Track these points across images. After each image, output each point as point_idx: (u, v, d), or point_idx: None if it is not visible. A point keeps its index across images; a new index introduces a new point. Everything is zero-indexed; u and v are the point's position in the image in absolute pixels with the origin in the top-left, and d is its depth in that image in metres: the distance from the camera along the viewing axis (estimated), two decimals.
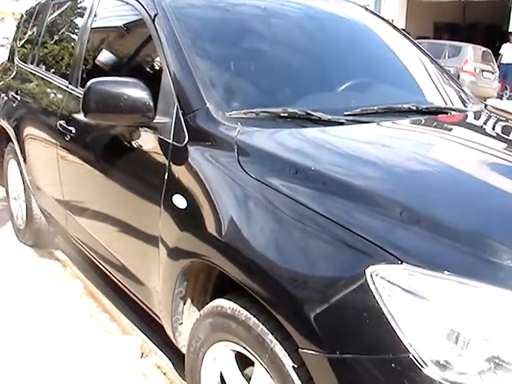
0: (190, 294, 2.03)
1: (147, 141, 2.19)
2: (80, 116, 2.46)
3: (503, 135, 2.44)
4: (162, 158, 2.08)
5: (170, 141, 2.06)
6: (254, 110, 2.05)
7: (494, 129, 2.52)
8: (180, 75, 2.12)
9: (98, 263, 2.87)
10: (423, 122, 2.27)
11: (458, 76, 3.41)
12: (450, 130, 2.36)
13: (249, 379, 1.76)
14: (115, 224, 2.47)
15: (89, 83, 2.10)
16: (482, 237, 1.45)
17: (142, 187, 2.20)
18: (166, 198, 1.99)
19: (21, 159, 3.58)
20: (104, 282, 3.26)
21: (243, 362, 1.77)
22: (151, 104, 2.10)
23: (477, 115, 2.53)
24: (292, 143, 1.94)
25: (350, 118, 2.12)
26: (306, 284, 1.48)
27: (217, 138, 1.95)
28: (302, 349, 1.45)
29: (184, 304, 2.06)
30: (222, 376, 1.88)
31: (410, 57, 2.91)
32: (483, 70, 14.94)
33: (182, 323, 2.10)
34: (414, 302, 1.32)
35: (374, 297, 1.34)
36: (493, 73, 15.37)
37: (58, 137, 2.92)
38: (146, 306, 2.38)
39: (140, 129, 2.22)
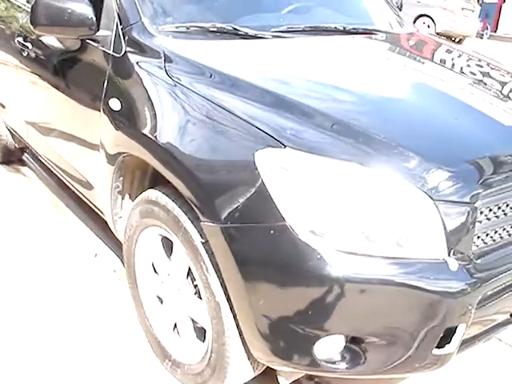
0: (128, 189, 2.30)
1: (91, 53, 2.40)
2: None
3: (425, 55, 2.68)
4: (103, 68, 2.30)
5: (111, 52, 2.27)
6: (184, 25, 2.26)
7: (417, 49, 2.76)
8: None
9: (56, 172, 3.12)
10: (345, 39, 2.50)
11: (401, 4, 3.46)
12: (374, 47, 2.59)
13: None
14: (66, 131, 2.71)
15: None
16: (361, 132, 1.70)
17: (86, 95, 2.43)
18: (105, 103, 2.23)
19: None
20: (66, 194, 3.52)
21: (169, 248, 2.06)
22: (94, 19, 2.29)
23: (404, 38, 2.76)
24: (213, 52, 2.16)
25: (276, 34, 2.34)
26: (209, 168, 1.75)
27: (149, 48, 2.16)
28: (203, 222, 1.73)
29: (122, 199, 2.34)
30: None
31: None
32: (463, 8, 14.91)
33: (121, 217, 2.38)
34: (291, 179, 1.58)
35: (260, 175, 1.60)
36: (473, 11, 15.34)
37: (17, 54, 3.10)
38: (95, 206, 2.65)
39: (85, 42, 2.42)
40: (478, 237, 1.69)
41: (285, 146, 1.62)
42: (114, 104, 2.16)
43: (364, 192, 1.57)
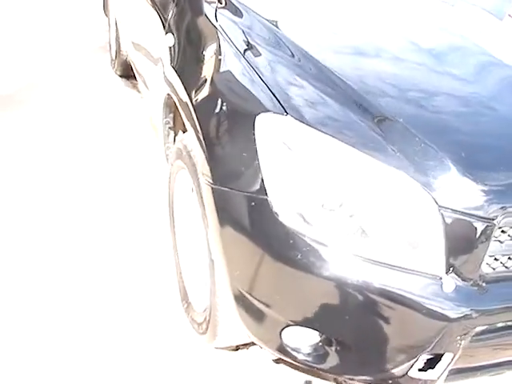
0: (177, 126, 2.28)
1: None
2: None
3: None
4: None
5: None
6: None
7: None
8: None
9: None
10: None
11: None
12: None
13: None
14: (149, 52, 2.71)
15: None
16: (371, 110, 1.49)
17: (159, 26, 2.39)
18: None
19: None
20: None
21: None
22: None
23: None
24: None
25: None
26: (214, 125, 1.67)
27: None
28: (201, 178, 1.66)
29: (175, 135, 2.32)
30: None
31: None
32: None
33: None
34: (284, 153, 1.44)
35: (255, 141, 1.48)
36: None
37: None
38: None
39: None
40: (496, 259, 1.43)
41: (287, 114, 1.46)
42: (169, 39, 2.11)
43: (364, 184, 1.39)
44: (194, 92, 1.76)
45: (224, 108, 1.64)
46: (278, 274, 1.47)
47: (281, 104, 1.49)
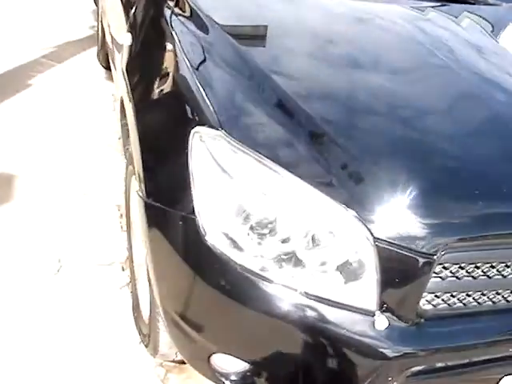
0: None
1: None
2: None
3: None
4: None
5: None
6: None
7: None
8: None
9: None
10: None
11: None
12: None
13: None
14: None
15: None
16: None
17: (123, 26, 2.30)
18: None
19: None
20: None
21: None
22: None
23: None
24: None
25: None
26: (152, 132, 1.57)
27: None
28: (138, 192, 1.57)
29: None
30: None
31: None
32: None
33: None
34: (216, 170, 1.34)
35: (188, 155, 1.38)
36: None
37: None
38: None
39: None
40: (437, 296, 1.33)
41: (222, 129, 1.36)
42: (127, 38, 2.02)
43: (296, 210, 1.29)
44: (137, 97, 1.68)
45: (163, 118, 1.55)
46: (205, 298, 1.38)
47: (218, 120, 1.39)
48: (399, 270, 1.27)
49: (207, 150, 1.36)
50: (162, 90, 1.63)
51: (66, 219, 2.55)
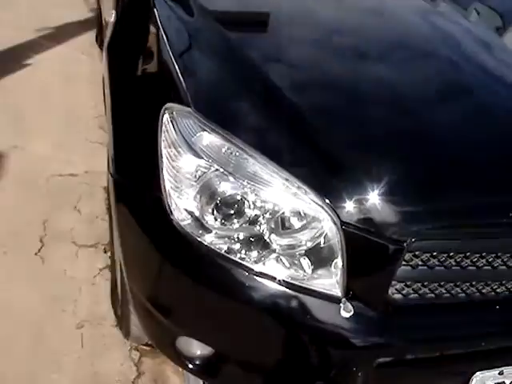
0: None
1: None
2: None
3: None
4: None
5: None
6: None
7: None
8: None
9: None
10: None
11: None
12: None
13: None
14: None
15: None
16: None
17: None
18: None
19: None
20: None
21: None
22: None
23: None
24: None
25: None
26: (126, 118, 1.53)
27: None
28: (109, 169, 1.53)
29: None
30: None
31: None
32: None
33: None
34: (183, 148, 1.30)
35: (159, 132, 1.34)
36: None
37: None
38: None
39: None
40: (408, 285, 1.29)
41: (192, 106, 1.32)
42: (112, 15, 1.98)
43: (263, 190, 1.25)
44: (114, 74, 1.64)
45: (137, 96, 1.52)
46: (170, 279, 1.35)
47: (190, 98, 1.35)
48: (367, 257, 1.23)
49: (176, 126, 1.32)
50: (138, 68, 1.60)
51: (51, 198, 2.53)
